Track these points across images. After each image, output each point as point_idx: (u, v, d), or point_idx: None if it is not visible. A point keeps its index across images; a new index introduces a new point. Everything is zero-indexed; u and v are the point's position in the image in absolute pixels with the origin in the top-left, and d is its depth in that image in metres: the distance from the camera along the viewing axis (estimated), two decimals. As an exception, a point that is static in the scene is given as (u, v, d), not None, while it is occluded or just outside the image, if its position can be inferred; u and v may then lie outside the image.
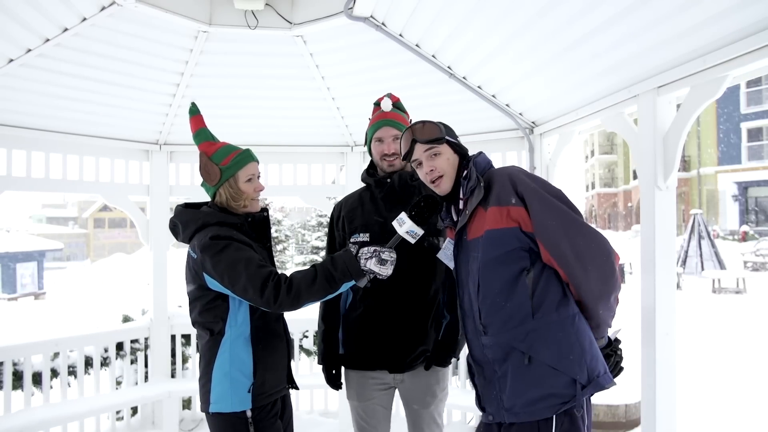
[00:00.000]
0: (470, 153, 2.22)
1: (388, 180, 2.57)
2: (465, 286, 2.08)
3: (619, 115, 3.15)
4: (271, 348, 2.31)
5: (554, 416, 1.85)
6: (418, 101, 4.11)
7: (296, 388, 2.49)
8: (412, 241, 2.16)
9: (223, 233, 2.17)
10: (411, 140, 2.13)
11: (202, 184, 2.41)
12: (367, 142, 2.68)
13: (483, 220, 1.99)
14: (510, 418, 1.94)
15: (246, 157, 2.34)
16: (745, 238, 24.77)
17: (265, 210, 2.47)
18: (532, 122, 4.10)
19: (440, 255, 2.23)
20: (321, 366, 2.72)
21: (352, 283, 2.11)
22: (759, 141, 27.93)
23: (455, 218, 2.17)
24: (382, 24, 3.42)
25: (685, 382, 6.52)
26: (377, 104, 2.70)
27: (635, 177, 31.60)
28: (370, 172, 2.70)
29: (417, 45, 3.56)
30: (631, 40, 2.62)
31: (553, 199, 1.92)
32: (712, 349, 8.67)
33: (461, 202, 2.13)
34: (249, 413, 2.19)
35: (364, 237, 2.54)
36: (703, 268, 17.62)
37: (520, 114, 4.04)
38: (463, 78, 3.75)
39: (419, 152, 2.13)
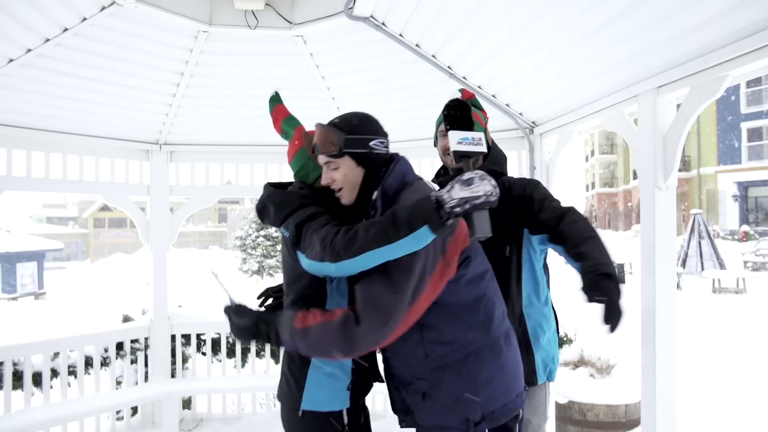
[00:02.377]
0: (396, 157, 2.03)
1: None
2: None
3: (619, 115, 3.15)
4: None
5: None
6: (418, 101, 4.11)
7: (381, 380, 2.27)
8: (480, 148, 1.85)
9: (321, 210, 2.00)
10: (313, 146, 2.05)
11: (302, 169, 2.22)
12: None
13: None
14: (421, 430, 2.05)
15: None
16: (745, 238, 24.76)
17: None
18: (532, 122, 4.10)
19: None
20: None
21: (427, 233, 1.62)
22: (759, 141, 27.91)
23: None
24: (382, 24, 3.42)
25: (685, 382, 6.52)
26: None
27: (635, 177, 31.58)
28: (440, 173, 2.59)
29: (417, 45, 3.56)
30: (631, 40, 2.61)
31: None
32: (712, 349, 8.67)
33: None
34: (345, 413, 2.09)
35: None
36: (703, 268, 17.61)
37: (520, 114, 4.04)
38: (463, 78, 3.75)
39: (320, 159, 2.03)
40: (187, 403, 5.12)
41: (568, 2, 2.54)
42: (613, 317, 1.83)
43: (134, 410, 4.97)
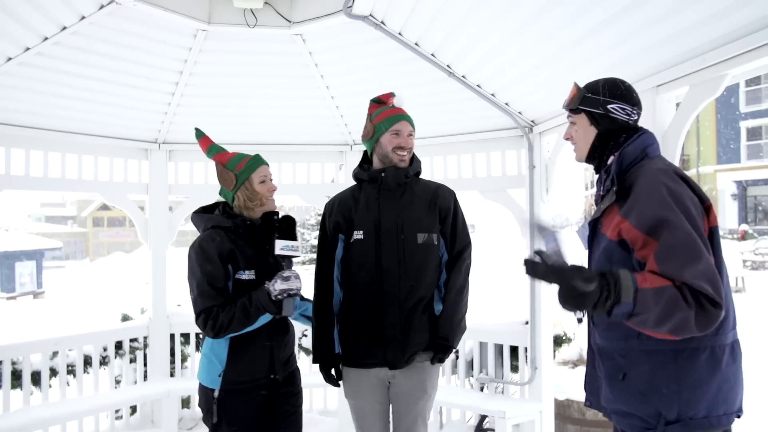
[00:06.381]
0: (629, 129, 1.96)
1: (382, 174, 2.59)
2: None
3: (618, 114, 3.14)
4: (250, 343, 2.50)
5: None
6: (418, 100, 4.10)
7: (276, 378, 2.58)
8: (296, 253, 2.48)
9: (205, 244, 2.48)
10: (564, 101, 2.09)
11: (221, 191, 2.65)
12: (376, 135, 2.63)
13: (613, 219, 1.83)
14: (605, 413, 1.97)
15: (257, 161, 2.62)
16: (744, 236, 24.75)
17: (275, 214, 2.64)
18: (532, 121, 4.10)
19: (578, 232, 2.10)
20: (317, 365, 2.71)
21: (268, 315, 2.45)
22: (758, 140, 27.92)
23: (602, 192, 1.98)
24: (381, 23, 3.42)
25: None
26: (379, 101, 2.74)
27: (634, 176, 31.46)
28: (364, 167, 2.71)
29: (416, 44, 3.56)
30: (630, 39, 2.62)
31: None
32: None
33: (602, 187, 1.96)
34: (216, 393, 2.49)
35: (358, 235, 2.58)
36: (702, 267, 17.57)
37: (520, 113, 4.04)
38: (463, 77, 3.75)
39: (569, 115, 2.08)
40: (186, 402, 5.11)
41: (567, 1, 2.54)
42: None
43: (133, 409, 4.97)
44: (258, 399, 2.55)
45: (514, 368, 4.43)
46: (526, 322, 4.18)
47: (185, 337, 5.13)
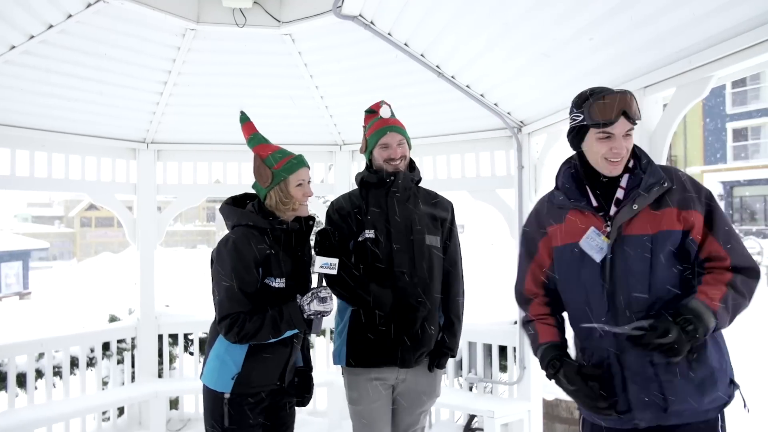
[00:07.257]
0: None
1: (392, 177, 2.63)
2: (618, 280, 1.91)
3: (606, 115, 3.16)
4: (270, 347, 2.41)
5: (719, 415, 1.94)
6: (407, 100, 4.11)
7: (283, 385, 2.52)
8: (333, 271, 2.37)
9: (240, 245, 2.34)
10: (621, 110, 1.85)
11: (254, 185, 2.52)
12: (368, 149, 2.72)
13: (652, 217, 1.88)
14: (675, 420, 1.88)
15: (298, 162, 2.49)
16: (730, 237, 24.97)
17: (311, 219, 2.58)
18: (521, 121, 4.11)
19: (583, 244, 1.98)
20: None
21: (295, 330, 2.38)
22: (744, 141, 28.23)
23: (594, 203, 1.98)
24: (371, 23, 3.42)
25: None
26: (371, 111, 2.74)
27: (622, 176, 31.61)
28: (371, 171, 2.73)
29: (405, 44, 3.56)
30: (618, 40, 2.63)
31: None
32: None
33: (620, 191, 1.94)
34: (227, 396, 2.36)
35: (369, 234, 2.61)
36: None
37: (508, 113, 4.05)
38: (452, 77, 3.75)
39: (620, 127, 1.87)
40: (174, 404, 5.08)
41: (555, 3, 2.55)
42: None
43: (120, 411, 4.93)
44: (262, 405, 2.46)
45: (503, 368, 4.45)
46: (515, 322, 4.20)
47: (173, 337, 5.10)
